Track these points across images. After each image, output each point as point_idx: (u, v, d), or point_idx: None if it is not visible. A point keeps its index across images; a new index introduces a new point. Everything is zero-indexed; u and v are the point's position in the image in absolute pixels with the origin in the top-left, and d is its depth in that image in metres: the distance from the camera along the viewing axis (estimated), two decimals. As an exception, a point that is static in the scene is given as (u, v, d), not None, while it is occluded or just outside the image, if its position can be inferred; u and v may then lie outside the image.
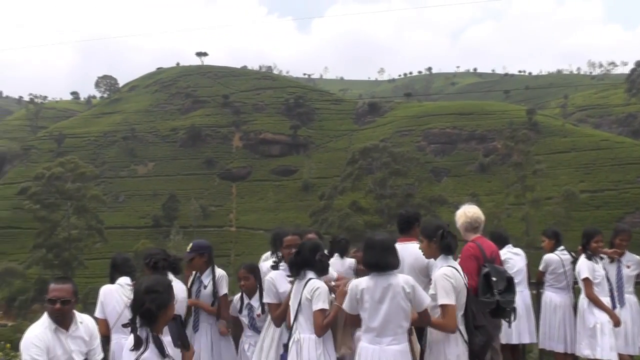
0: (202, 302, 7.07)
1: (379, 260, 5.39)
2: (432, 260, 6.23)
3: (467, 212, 6.81)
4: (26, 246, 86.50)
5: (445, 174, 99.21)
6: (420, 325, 5.74)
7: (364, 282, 5.45)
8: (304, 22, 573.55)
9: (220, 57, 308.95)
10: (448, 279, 5.61)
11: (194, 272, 7.21)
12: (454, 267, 5.78)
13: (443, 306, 5.55)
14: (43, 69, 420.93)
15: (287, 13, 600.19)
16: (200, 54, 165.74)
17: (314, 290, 5.75)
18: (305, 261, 5.97)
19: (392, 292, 5.33)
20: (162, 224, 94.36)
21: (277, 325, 6.43)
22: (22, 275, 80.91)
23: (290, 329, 6.00)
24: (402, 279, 5.39)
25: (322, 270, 6.04)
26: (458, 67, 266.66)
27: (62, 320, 5.25)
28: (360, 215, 74.65)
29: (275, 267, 6.90)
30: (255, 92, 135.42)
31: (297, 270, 6.01)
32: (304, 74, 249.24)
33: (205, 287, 7.06)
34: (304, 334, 5.81)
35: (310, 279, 5.89)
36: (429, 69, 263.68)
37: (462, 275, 5.81)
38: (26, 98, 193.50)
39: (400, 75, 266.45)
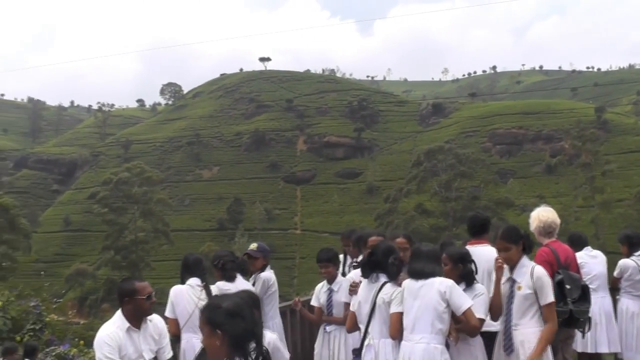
0: None
1: (424, 269, 5.53)
2: None
3: (541, 215, 6.70)
4: (96, 248, 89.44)
5: (511, 176, 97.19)
6: (465, 332, 5.65)
7: (406, 281, 5.65)
8: (366, 24, 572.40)
9: (283, 62, 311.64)
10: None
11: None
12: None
13: (550, 304, 5.66)
14: (110, 79, 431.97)
15: (349, 16, 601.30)
16: (263, 59, 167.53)
17: (395, 294, 5.71)
18: (378, 264, 5.92)
19: (425, 290, 5.45)
20: (227, 227, 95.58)
21: (351, 330, 6.41)
22: (92, 276, 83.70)
23: (364, 333, 5.93)
24: (437, 280, 5.48)
25: (394, 274, 5.95)
26: (523, 65, 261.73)
27: (140, 318, 5.39)
28: (426, 218, 74.10)
29: (357, 266, 6.86)
30: (319, 96, 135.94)
31: (369, 271, 5.97)
32: (367, 76, 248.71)
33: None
34: (379, 338, 5.77)
35: (385, 282, 5.85)
36: (494, 67, 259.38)
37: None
38: (95, 107, 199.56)
39: (464, 75, 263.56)
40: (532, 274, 5.68)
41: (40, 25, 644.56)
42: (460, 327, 5.55)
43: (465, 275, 5.81)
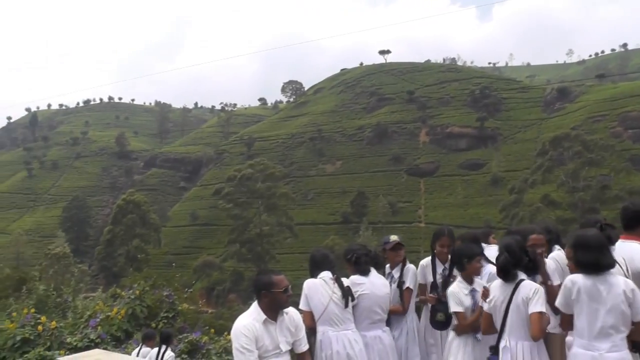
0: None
1: (598, 260, 4.93)
2: None
3: None
4: (222, 241, 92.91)
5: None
6: (637, 338, 5.04)
7: (580, 280, 4.98)
8: (485, 9, 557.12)
9: (403, 53, 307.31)
10: None
11: (387, 266, 7.30)
12: None
13: None
14: (232, 79, 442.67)
15: (468, 2, 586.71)
16: (383, 52, 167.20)
17: (534, 292, 5.37)
18: (517, 261, 5.56)
19: (612, 294, 4.85)
20: (351, 221, 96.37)
21: (487, 332, 5.92)
22: (219, 267, 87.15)
23: (500, 334, 5.59)
24: (622, 281, 4.92)
25: (532, 269, 5.72)
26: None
27: (277, 311, 5.49)
28: (552, 210, 71.10)
29: (448, 277, 6.70)
30: (440, 86, 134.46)
31: (508, 271, 5.56)
32: (489, 63, 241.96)
33: (395, 281, 7.05)
34: (516, 340, 5.45)
35: (522, 279, 5.51)
36: (624, 45, 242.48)
37: None
38: (218, 107, 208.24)
39: (591, 56, 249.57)
40: None
41: (165, 34, 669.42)
42: (633, 332, 4.96)
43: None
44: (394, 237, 7.20)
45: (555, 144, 77.15)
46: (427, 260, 7.18)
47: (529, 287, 5.41)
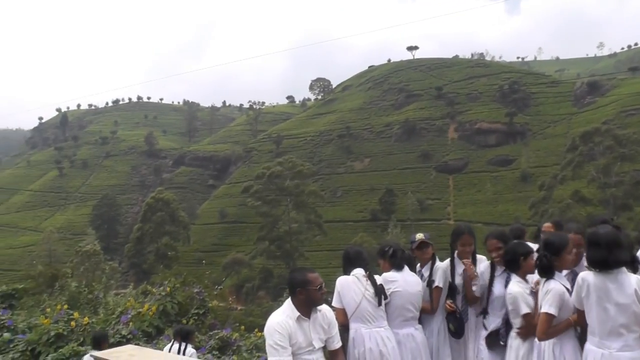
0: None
1: (607, 258, 4.87)
2: None
3: None
4: (251, 239, 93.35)
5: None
6: None
7: (590, 277, 4.95)
8: (513, 2, 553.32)
9: (431, 49, 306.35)
10: None
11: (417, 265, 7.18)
12: None
13: None
14: (260, 78, 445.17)
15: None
16: (411, 48, 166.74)
17: (545, 291, 5.35)
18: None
19: (623, 292, 4.81)
20: (379, 218, 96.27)
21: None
22: (248, 265, 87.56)
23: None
24: (634, 280, 4.86)
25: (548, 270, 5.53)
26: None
27: (311, 308, 5.49)
28: (583, 206, 70.03)
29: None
30: (469, 81, 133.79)
31: (548, 271, 5.49)
32: (517, 58, 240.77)
33: (424, 279, 6.94)
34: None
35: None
36: None
37: None
38: (246, 105, 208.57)
39: (623, 49, 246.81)
40: None
41: (193, 33, 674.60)
42: None
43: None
44: (419, 236, 7.06)
45: (585, 138, 76.06)
46: (446, 262, 6.98)
47: (547, 287, 5.40)
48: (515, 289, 5.82)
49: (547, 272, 5.45)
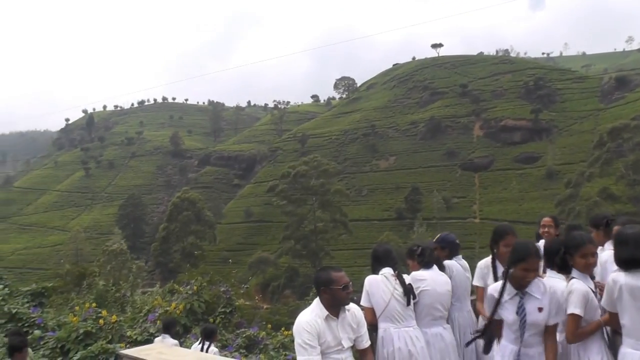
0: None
1: (634, 256, 4.68)
2: None
3: None
4: (276, 238, 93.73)
5: None
6: None
7: (622, 277, 4.74)
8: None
9: (455, 47, 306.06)
10: None
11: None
12: None
13: None
14: (284, 77, 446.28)
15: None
16: (435, 46, 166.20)
17: (568, 292, 5.16)
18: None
19: None
20: (405, 217, 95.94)
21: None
22: (274, 263, 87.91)
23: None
24: None
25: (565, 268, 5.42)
26: None
27: (338, 307, 5.43)
28: (611, 204, 68.24)
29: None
30: (494, 78, 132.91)
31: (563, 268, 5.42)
32: (543, 53, 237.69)
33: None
34: None
35: (572, 277, 5.24)
36: None
37: None
38: (271, 105, 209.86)
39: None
40: None
41: (217, 34, 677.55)
42: None
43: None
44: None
45: (613, 135, 75.26)
46: (486, 262, 6.81)
47: (569, 286, 5.18)
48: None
49: (565, 271, 5.35)
